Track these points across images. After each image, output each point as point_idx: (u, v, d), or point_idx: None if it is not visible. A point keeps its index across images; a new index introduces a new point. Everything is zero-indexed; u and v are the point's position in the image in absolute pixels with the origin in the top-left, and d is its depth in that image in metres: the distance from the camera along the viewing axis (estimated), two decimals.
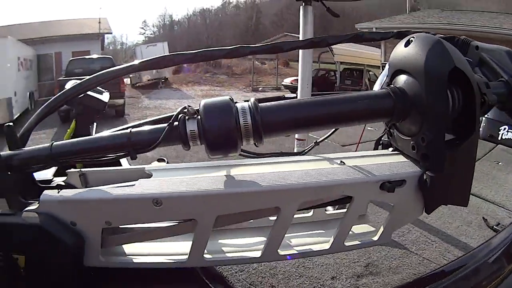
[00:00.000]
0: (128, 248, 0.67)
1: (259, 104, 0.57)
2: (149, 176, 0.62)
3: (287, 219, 0.60)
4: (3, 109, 7.70)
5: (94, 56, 12.94)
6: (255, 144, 0.57)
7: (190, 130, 0.55)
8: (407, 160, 0.60)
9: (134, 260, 0.64)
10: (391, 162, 0.61)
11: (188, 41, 35.07)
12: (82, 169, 0.73)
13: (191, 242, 0.61)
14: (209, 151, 0.56)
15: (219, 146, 0.56)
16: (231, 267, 2.26)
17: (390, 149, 0.69)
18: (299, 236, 0.74)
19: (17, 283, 0.63)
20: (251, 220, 0.78)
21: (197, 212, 0.58)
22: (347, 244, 0.64)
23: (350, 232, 0.67)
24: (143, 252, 0.67)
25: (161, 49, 17.34)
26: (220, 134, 0.55)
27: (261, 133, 0.55)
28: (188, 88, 17.70)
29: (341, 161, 0.63)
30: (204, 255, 0.61)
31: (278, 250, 0.62)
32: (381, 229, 0.63)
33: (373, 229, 0.69)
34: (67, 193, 0.63)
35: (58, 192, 0.62)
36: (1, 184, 0.62)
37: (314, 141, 0.97)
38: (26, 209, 0.62)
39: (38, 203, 0.60)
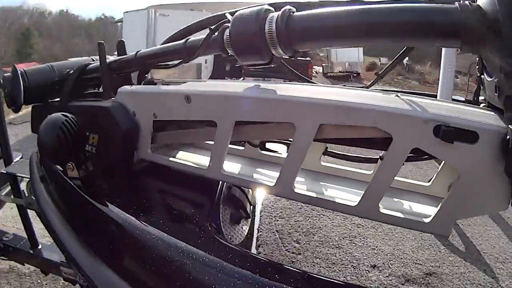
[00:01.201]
0: (170, 153, 0.80)
1: (297, 13, 0.53)
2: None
3: (303, 143, 0.54)
4: (193, 72, 8.51)
5: None
6: (285, 53, 0.55)
7: (226, 36, 0.59)
8: (491, 113, 0.48)
9: (170, 160, 0.75)
10: (465, 109, 0.49)
11: None
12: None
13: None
14: (237, 57, 0.60)
15: (243, 52, 0.58)
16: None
17: (482, 105, 0.58)
18: (328, 186, 0.68)
19: (91, 159, 0.82)
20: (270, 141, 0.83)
21: (217, 114, 0.62)
22: (382, 211, 0.52)
23: (397, 202, 0.59)
24: (180, 158, 0.77)
25: None
26: (243, 39, 0.56)
27: (289, 41, 0.53)
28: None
29: (397, 95, 0.55)
30: (222, 170, 0.64)
31: (293, 185, 0.58)
32: (437, 210, 0.49)
33: (433, 211, 0.52)
34: (136, 87, 0.80)
35: (131, 86, 0.80)
36: (105, 82, 0.85)
37: (375, 72, 0.91)
38: (111, 99, 0.80)
39: None
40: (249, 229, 0.90)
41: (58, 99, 0.95)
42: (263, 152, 0.80)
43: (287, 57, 0.58)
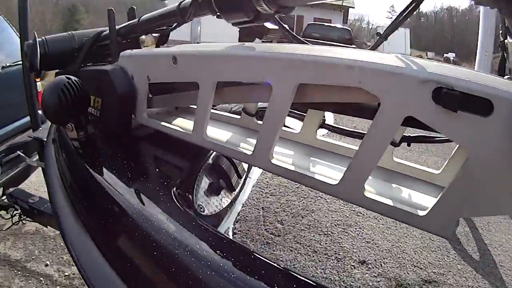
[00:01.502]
0: (166, 119, 0.80)
1: None
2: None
3: (279, 106, 0.49)
4: None
5: (333, 25, 13.52)
6: (269, 9, 0.54)
7: None
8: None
9: (161, 125, 0.75)
10: (481, 75, 0.40)
11: (433, 36, 34.76)
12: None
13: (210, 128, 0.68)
14: (222, 15, 0.61)
15: (227, 9, 0.59)
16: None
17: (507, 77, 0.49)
18: (317, 162, 0.63)
19: (95, 122, 0.86)
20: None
21: (199, 75, 0.61)
22: (367, 195, 0.45)
23: (392, 187, 0.52)
24: (173, 124, 0.76)
25: (403, 35, 17.30)
26: None
27: None
28: None
29: (397, 55, 0.46)
30: (206, 135, 0.63)
31: (269, 155, 0.53)
32: (435, 201, 0.41)
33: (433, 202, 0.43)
34: (134, 51, 0.81)
35: (132, 50, 0.82)
36: (113, 47, 0.90)
37: (377, 32, 0.89)
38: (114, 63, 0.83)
39: None
40: (230, 202, 0.86)
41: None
42: (259, 122, 0.77)
43: (273, 12, 0.55)
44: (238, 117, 0.81)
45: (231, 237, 0.55)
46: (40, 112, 1.80)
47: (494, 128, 0.34)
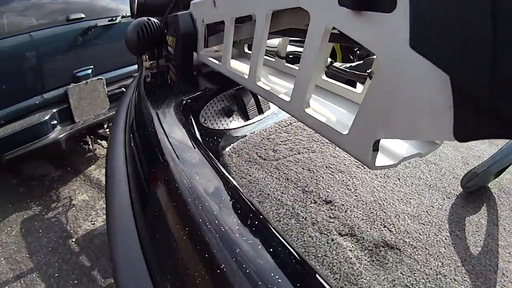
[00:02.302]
0: (218, 58, 0.89)
1: None
2: None
3: (259, 33, 0.57)
4: None
5: None
6: None
7: None
8: None
9: (209, 60, 0.89)
10: None
11: None
12: None
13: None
14: None
15: None
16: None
17: None
18: (286, 86, 0.73)
19: (167, 58, 1.07)
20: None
21: (225, 14, 0.71)
22: (307, 111, 0.49)
23: (332, 108, 0.57)
24: (218, 60, 0.87)
25: None
26: None
27: None
28: None
29: None
30: (228, 65, 0.76)
31: (256, 78, 0.63)
32: (353, 118, 0.40)
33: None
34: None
35: None
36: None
37: None
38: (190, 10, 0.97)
39: None
40: (239, 127, 1.01)
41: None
42: (286, 64, 0.88)
43: None
44: (272, 59, 0.92)
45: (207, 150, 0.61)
46: None
47: (399, 26, 0.29)
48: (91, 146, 2.63)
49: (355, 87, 0.63)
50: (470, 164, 0.92)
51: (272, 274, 0.34)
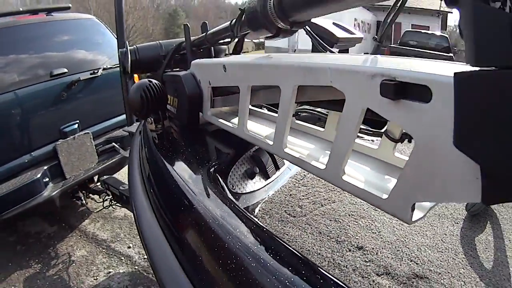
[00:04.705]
0: (226, 117, 0.93)
1: None
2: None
3: (286, 104, 0.59)
4: None
5: (431, 32, 12.48)
6: (285, 25, 0.63)
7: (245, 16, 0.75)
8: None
9: (218, 121, 0.89)
10: (439, 63, 0.41)
11: None
12: None
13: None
14: (252, 31, 0.72)
15: (255, 26, 0.68)
16: None
17: None
18: (322, 153, 0.71)
19: (171, 118, 1.08)
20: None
21: (239, 80, 0.74)
22: (345, 178, 0.50)
23: (368, 172, 0.58)
24: (227, 121, 0.89)
25: None
26: (253, 17, 0.67)
27: (283, 14, 0.60)
28: None
29: (376, 56, 0.51)
30: (245, 129, 0.76)
31: (283, 145, 0.63)
32: (393, 185, 0.43)
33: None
34: (201, 60, 0.97)
35: (201, 59, 0.97)
36: (187, 54, 1.11)
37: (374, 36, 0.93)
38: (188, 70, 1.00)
39: None
40: (263, 187, 1.00)
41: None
42: (296, 121, 0.88)
43: (289, 28, 0.64)
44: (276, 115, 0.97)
45: (246, 211, 0.63)
46: None
47: (435, 113, 0.34)
48: (83, 201, 2.62)
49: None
50: None
51: None
